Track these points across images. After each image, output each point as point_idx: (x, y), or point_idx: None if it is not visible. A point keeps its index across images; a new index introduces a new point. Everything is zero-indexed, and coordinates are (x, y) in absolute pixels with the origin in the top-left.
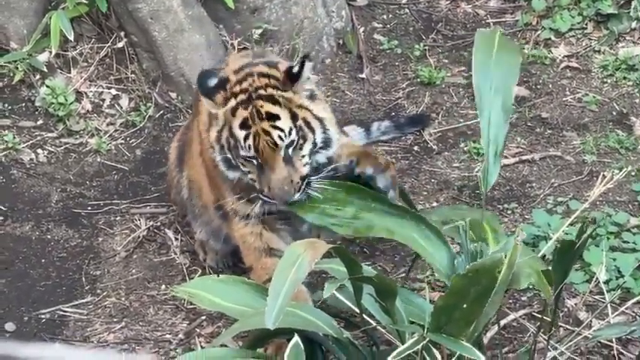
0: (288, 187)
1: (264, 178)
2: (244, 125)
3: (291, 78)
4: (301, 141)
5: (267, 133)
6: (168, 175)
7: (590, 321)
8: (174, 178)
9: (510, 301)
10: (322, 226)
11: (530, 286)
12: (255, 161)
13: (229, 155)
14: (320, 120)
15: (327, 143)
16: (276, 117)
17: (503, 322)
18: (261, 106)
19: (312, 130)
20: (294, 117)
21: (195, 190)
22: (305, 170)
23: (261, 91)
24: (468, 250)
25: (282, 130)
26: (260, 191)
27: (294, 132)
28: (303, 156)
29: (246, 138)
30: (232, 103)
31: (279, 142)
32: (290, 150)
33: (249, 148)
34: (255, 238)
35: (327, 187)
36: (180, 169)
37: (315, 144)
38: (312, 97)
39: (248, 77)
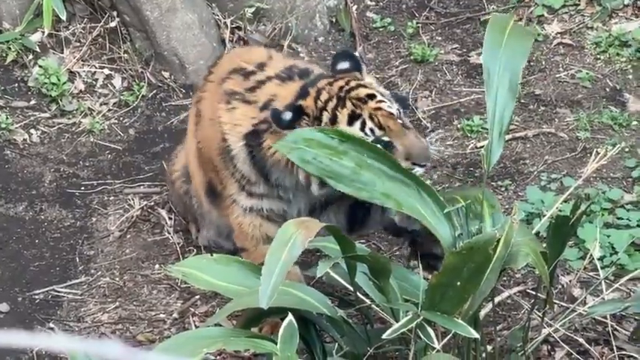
0: (424, 143)
1: (396, 153)
2: (353, 118)
3: (358, 69)
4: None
5: (379, 109)
6: (174, 183)
7: (585, 298)
8: (181, 187)
9: (504, 278)
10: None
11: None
12: (380, 144)
13: None
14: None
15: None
16: (374, 95)
17: (497, 300)
18: (357, 95)
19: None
20: (382, 94)
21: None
22: None
23: (345, 89)
24: (468, 231)
25: (386, 102)
26: None
27: (393, 102)
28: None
29: (362, 126)
30: (327, 115)
31: (393, 111)
32: (402, 118)
33: (372, 131)
34: (254, 228)
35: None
36: (188, 178)
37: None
38: None
39: (322, 91)
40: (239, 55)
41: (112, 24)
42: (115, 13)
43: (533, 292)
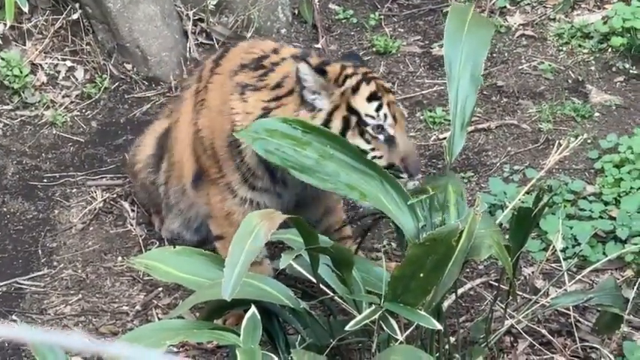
0: (418, 156)
1: (394, 150)
2: (374, 97)
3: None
4: None
5: (395, 104)
6: (137, 174)
7: (547, 289)
8: (146, 178)
9: (467, 269)
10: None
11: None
12: (383, 135)
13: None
14: None
15: None
16: (394, 93)
17: (460, 291)
18: (381, 83)
19: None
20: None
21: (176, 171)
22: None
23: (370, 75)
24: (432, 222)
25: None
26: (389, 166)
27: None
28: None
29: (379, 108)
30: (351, 81)
31: (404, 112)
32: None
33: (386, 116)
34: (242, 217)
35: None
36: (156, 168)
37: None
38: None
39: (347, 67)
40: (250, 47)
41: (75, 16)
42: (77, 5)
43: (496, 284)
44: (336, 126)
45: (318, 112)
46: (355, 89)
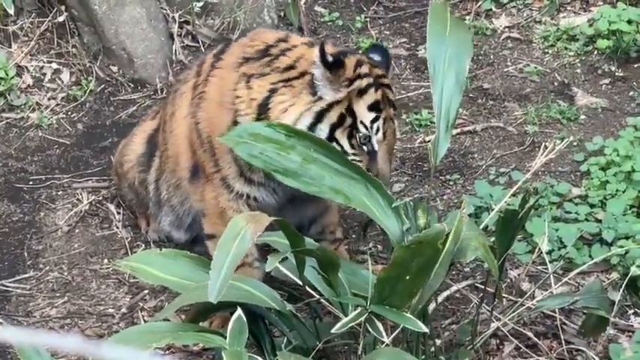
0: (388, 180)
1: (374, 163)
2: (375, 107)
3: (387, 66)
4: None
5: (392, 121)
6: (126, 175)
7: (533, 292)
8: (135, 178)
9: (453, 272)
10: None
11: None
12: (367, 147)
13: (326, 134)
14: None
15: None
16: (396, 107)
17: (446, 294)
18: (387, 93)
19: None
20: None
21: (171, 165)
22: None
23: (382, 80)
24: (416, 225)
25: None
26: None
27: None
28: None
29: (375, 120)
30: (360, 83)
31: (397, 132)
32: None
33: (377, 131)
34: (236, 214)
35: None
36: (147, 167)
37: None
38: None
39: (363, 64)
40: (252, 40)
41: (60, 18)
42: (63, 8)
43: (482, 286)
44: (330, 118)
45: (319, 99)
46: (362, 93)
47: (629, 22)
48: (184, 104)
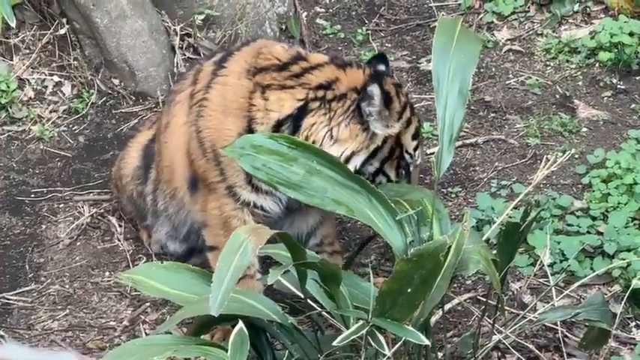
0: None
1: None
2: (416, 136)
3: (389, 75)
4: None
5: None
6: (125, 188)
7: (535, 304)
8: (134, 190)
9: (455, 285)
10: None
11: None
12: (405, 171)
13: (375, 168)
14: None
15: None
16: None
17: (447, 306)
18: (418, 116)
19: None
20: None
21: (166, 175)
22: None
23: (410, 103)
24: (419, 237)
25: None
26: None
27: None
28: None
29: (417, 147)
30: (406, 114)
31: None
32: None
33: (417, 157)
34: (240, 223)
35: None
36: (144, 179)
37: None
38: None
39: (398, 88)
40: (259, 51)
41: (62, 31)
42: (64, 20)
43: (484, 299)
44: (383, 153)
45: (373, 134)
46: (407, 124)
47: (631, 34)
48: (180, 113)
